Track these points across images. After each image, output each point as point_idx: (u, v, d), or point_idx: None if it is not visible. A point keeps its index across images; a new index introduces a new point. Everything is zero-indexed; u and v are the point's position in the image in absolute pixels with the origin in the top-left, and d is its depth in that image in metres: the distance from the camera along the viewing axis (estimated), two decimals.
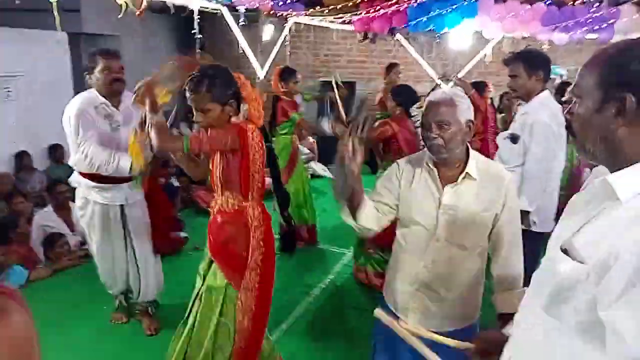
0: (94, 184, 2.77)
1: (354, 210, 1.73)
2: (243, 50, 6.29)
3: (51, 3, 3.27)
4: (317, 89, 8.21)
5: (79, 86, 7.00)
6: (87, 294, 3.53)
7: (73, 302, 3.49)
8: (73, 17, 6.43)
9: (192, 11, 4.91)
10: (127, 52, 7.48)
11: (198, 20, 4.99)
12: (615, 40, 0.89)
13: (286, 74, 4.47)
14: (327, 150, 5.08)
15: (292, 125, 4.43)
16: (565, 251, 0.93)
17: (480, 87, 4.93)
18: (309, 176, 6.91)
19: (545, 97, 2.63)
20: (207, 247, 2.37)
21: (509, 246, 1.75)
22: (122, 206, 2.88)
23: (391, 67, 5.67)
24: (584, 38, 5.94)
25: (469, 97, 4.91)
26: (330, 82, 4.61)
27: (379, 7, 5.98)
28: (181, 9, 4.84)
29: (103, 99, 2.71)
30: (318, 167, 6.95)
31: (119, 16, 3.98)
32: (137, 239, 2.95)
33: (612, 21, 5.58)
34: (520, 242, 1.77)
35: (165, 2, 4.55)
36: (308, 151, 6.75)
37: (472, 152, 1.75)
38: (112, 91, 2.70)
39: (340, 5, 6.10)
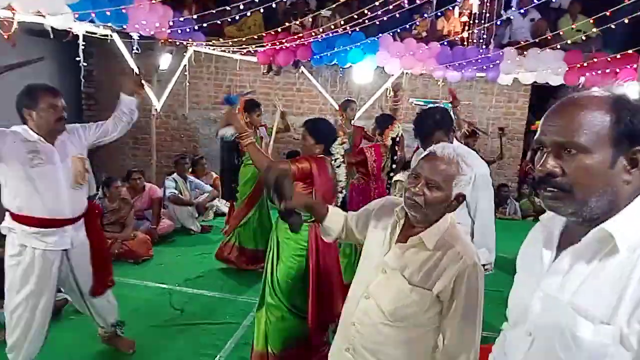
0: (33, 229, 2.53)
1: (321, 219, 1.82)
2: None
3: None
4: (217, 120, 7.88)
5: None
6: None
7: None
8: None
9: (76, 36, 4.39)
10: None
11: (84, 46, 4.49)
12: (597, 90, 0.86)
13: (249, 106, 4.50)
14: (230, 187, 4.81)
15: None
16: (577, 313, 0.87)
17: (384, 122, 4.33)
18: (213, 215, 6.52)
19: (461, 145, 2.67)
20: None
21: (453, 343, 1.48)
22: (65, 250, 2.68)
23: (347, 104, 5.27)
24: (475, 76, 6.39)
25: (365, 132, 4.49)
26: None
27: (284, 40, 5.91)
28: (63, 33, 4.29)
29: (36, 137, 2.53)
30: (221, 205, 6.57)
31: None
32: (83, 279, 2.82)
33: (497, 62, 6.07)
34: (470, 339, 1.48)
35: (43, 24, 3.98)
36: (211, 188, 6.34)
37: (445, 221, 1.51)
38: (55, 130, 2.57)
39: (244, 38, 5.92)
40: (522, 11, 6.44)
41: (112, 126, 2.87)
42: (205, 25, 5.48)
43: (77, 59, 4.37)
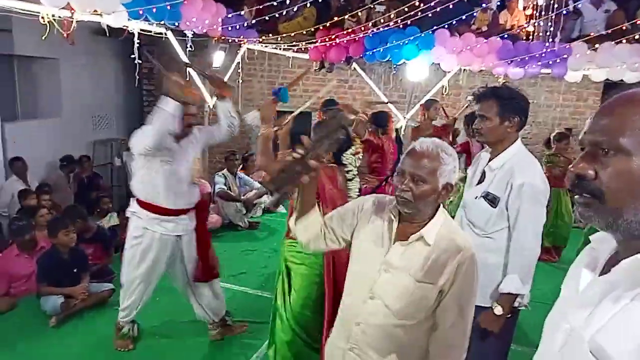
0: (154, 215, 2.92)
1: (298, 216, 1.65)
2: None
3: None
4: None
5: (8, 110, 6.41)
6: None
7: None
8: (4, 37, 5.90)
9: (132, 34, 4.52)
10: (67, 76, 6.98)
11: (140, 44, 4.62)
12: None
13: (323, 105, 4.76)
14: None
15: None
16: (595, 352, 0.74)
17: (381, 120, 4.11)
18: (261, 212, 6.54)
19: (523, 149, 2.17)
20: None
21: (450, 327, 1.50)
22: (179, 237, 3.04)
23: (430, 103, 4.97)
24: (539, 72, 5.96)
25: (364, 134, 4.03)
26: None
27: (335, 36, 5.81)
28: (119, 31, 4.43)
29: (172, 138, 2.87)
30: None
31: (43, 37, 3.56)
32: (190, 265, 3.12)
33: (565, 57, 5.62)
34: (463, 327, 1.51)
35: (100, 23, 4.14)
36: (259, 185, 6.35)
37: (440, 215, 1.55)
38: (184, 133, 2.93)
39: (294, 33, 5.88)
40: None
41: (216, 131, 3.20)
42: (254, 21, 5.49)
43: (132, 56, 4.48)
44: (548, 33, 6.04)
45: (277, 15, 5.36)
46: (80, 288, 3.61)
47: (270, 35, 6.19)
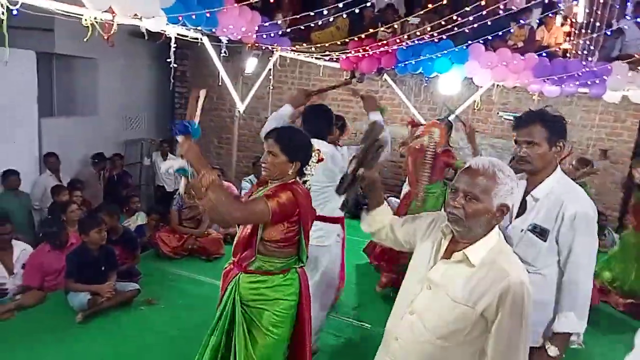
0: (335, 227, 3.04)
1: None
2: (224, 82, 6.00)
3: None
4: None
5: (45, 107, 6.59)
6: None
7: None
8: (46, 36, 6.08)
9: (169, 38, 4.60)
10: (104, 76, 7.15)
11: (176, 48, 4.69)
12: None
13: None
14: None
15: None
16: None
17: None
18: None
19: (565, 176, 2.02)
20: None
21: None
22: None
23: None
24: (576, 92, 5.82)
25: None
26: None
27: (367, 47, 5.79)
28: (157, 35, 4.52)
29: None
30: None
31: (85, 39, 3.65)
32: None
33: (603, 77, 5.46)
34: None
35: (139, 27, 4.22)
36: None
37: (492, 237, 1.48)
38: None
39: (328, 44, 5.89)
40: (639, 20, 5.73)
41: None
42: (289, 30, 5.52)
43: (168, 60, 4.56)
44: (586, 51, 5.90)
45: (311, 25, 5.37)
46: (107, 286, 3.66)
47: (304, 44, 6.21)
